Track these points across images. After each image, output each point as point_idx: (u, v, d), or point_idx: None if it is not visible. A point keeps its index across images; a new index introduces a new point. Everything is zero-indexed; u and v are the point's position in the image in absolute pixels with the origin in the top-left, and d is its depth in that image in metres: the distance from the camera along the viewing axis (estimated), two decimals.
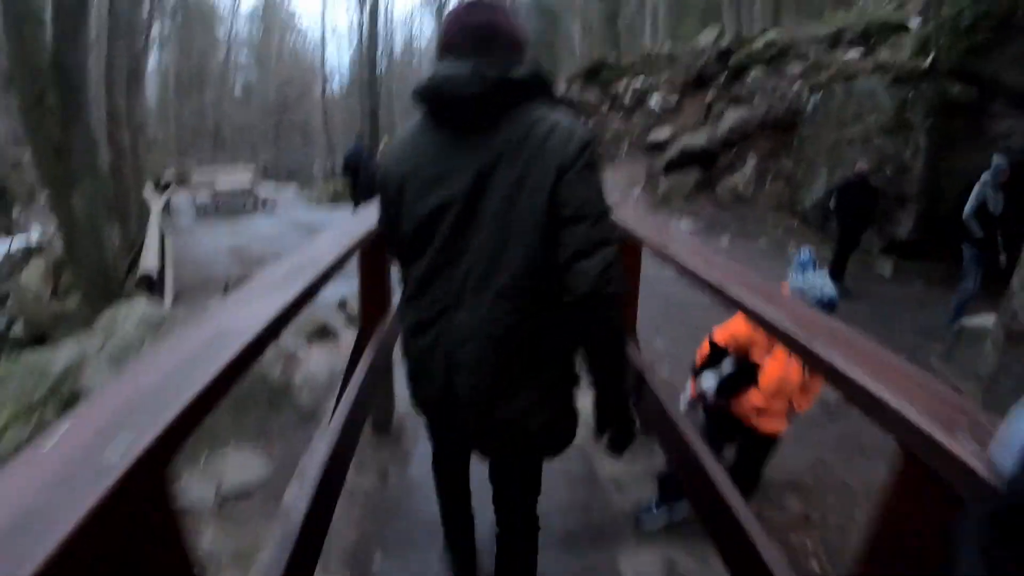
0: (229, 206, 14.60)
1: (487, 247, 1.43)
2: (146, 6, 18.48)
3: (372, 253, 2.96)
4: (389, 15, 45.40)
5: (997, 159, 6.41)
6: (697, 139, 11.95)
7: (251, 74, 51.82)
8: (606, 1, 25.82)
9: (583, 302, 1.36)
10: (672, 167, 11.91)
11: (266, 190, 15.65)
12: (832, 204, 7.85)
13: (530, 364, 1.51)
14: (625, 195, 12.17)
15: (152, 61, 40.55)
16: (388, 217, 1.62)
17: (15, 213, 17.99)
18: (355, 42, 33.24)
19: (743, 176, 11.20)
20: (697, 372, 2.93)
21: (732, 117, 12.17)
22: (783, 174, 11.19)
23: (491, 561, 1.99)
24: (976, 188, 6.47)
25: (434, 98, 1.46)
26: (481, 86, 1.38)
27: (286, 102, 47.62)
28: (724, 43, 17.33)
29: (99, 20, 14.52)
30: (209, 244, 10.64)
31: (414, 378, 1.68)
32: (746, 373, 2.71)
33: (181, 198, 15.35)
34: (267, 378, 4.14)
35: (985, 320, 5.27)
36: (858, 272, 8.11)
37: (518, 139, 1.40)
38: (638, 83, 17.57)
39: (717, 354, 2.86)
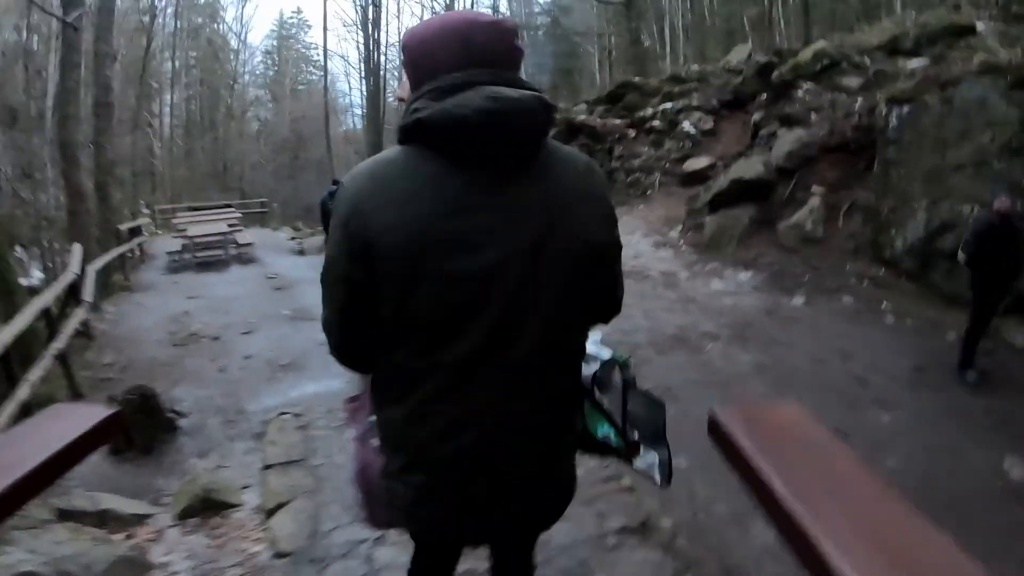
0: (205, 256, 12.82)
1: (547, 314, 1.24)
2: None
3: None
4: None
5: None
6: (751, 168, 9.87)
7: (266, 110, 51.31)
8: (629, 21, 24.07)
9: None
10: (720, 202, 9.83)
11: (247, 236, 13.80)
12: (965, 254, 5.70)
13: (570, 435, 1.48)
14: (662, 238, 10.12)
15: (165, 98, 41.22)
16: (390, 293, 1.18)
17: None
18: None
19: (809, 212, 9.08)
20: None
21: (788, 140, 10.11)
22: (859, 208, 9.08)
23: None
24: None
25: (489, 131, 1.13)
26: (547, 118, 1.22)
27: (301, 138, 46.70)
28: (762, 58, 15.56)
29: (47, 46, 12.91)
30: (157, 310, 8.79)
31: (431, 491, 1.32)
32: None
33: (160, 246, 13.59)
34: None
35: None
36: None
37: (555, 179, 1.25)
38: (668, 106, 15.76)
39: None
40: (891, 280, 7.97)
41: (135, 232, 13.56)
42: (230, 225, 14.25)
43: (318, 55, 43.66)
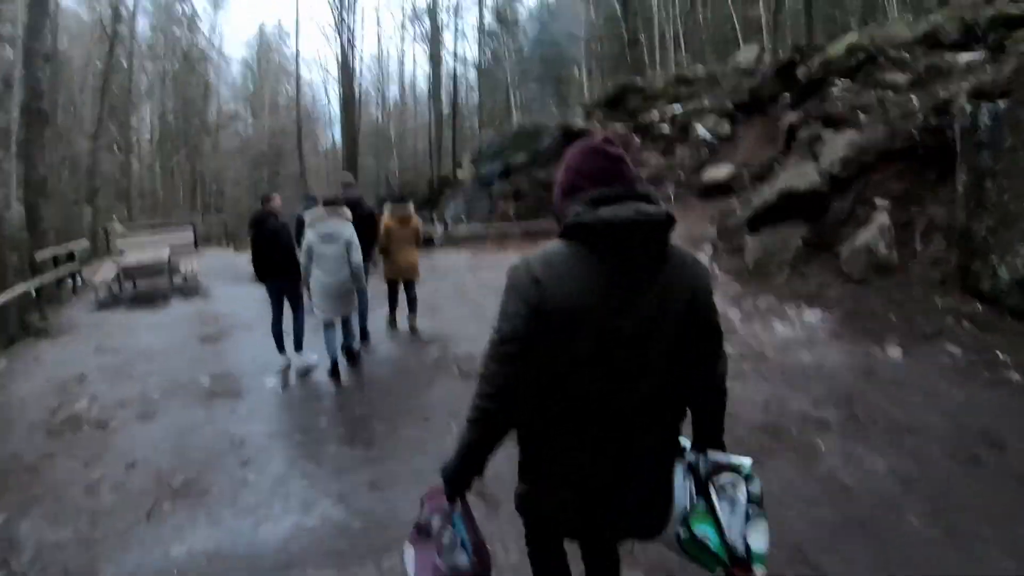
0: (144, 287, 10.79)
1: (658, 366, 1.70)
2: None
3: None
4: (383, 56, 42.63)
5: None
6: (803, 177, 8.05)
7: (244, 124, 49.34)
8: (625, 21, 22.44)
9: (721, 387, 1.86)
10: (763, 220, 8.02)
11: (193, 262, 11.66)
12: None
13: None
14: None
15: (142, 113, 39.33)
16: (553, 342, 1.63)
17: None
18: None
19: (879, 233, 7.28)
20: None
21: (839, 145, 8.32)
22: (937, 228, 7.30)
23: None
24: None
25: (632, 235, 1.61)
26: (670, 227, 1.66)
27: (280, 153, 44.80)
28: (783, 56, 13.95)
29: None
30: (53, 368, 6.85)
31: (572, 502, 1.80)
32: None
33: (107, 272, 11.48)
34: None
35: None
36: None
37: (670, 269, 1.68)
38: (676, 108, 14.09)
39: None
40: (995, 320, 6.17)
41: (67, 259, 11.56)
42: (177, 248, 12.21)
43: (298, 69, 41.68)
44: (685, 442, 1.89)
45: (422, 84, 41.71)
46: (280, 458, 4.53)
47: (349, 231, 6.13)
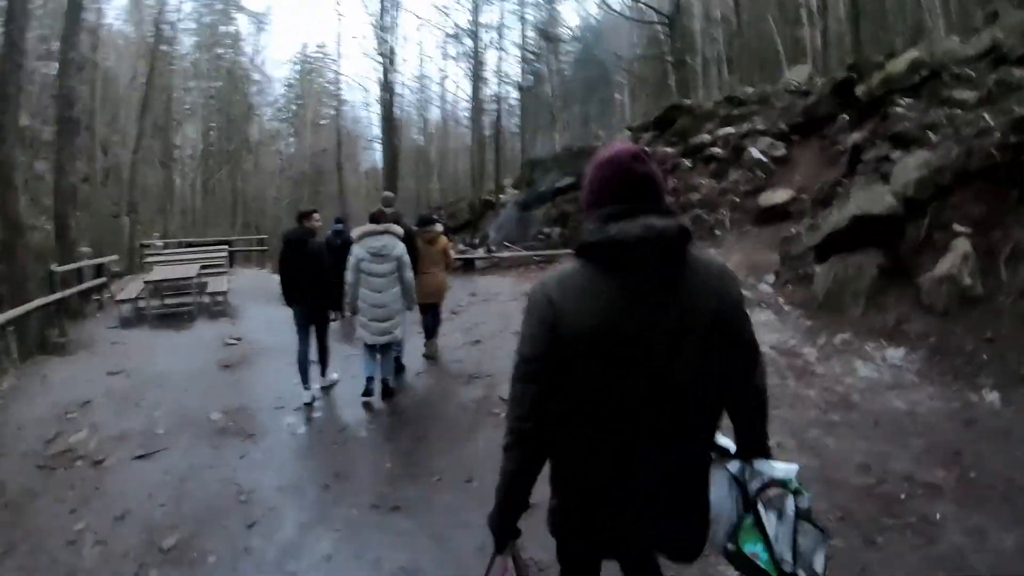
0: (171, 305, 10.39)
1: (685, 380, 1.63)
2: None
3: None
4: (424, 77, 42.65)
5: None
6: (877, 200, 7.28)
7: (286, 144, 49.90)
8: (672, 41, 21.94)
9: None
10: (833, 247, 7.27)
11: (223, 282, 11.23)
12: None
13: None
14: (752, 295, 7.60)
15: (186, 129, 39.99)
16: (575, 360, 1.61)
17: None
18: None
19: (962, 261, 6.50)
20: None
21: (912, 165, 7.55)
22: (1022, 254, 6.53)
23: None
24: None
25: (638, 252, 1.58)
26: (685, 240, 1.62)
27: (321, 172, 45.08)
28: (838, 74, 13.22)
29: None
30: (59, 391, 6.42)
31: (601, 515, 1.75)
32: None
33: (127, 291, 11.17)
34: None
35: None
36: None
37: (693, 282, 1.64)
38: (729, 130, 13.41)
39: None
40: None
41: (96, 273, 11.27)
42: (207, 267, 11.83)
43: (340, 88, 41.91)
44: (729, 444, 1.86)
45: (465, 104, 41.62)
46: (291, 522, 3.89)
47: (401, 248, 5.73)
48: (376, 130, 39.70)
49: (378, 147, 40.60)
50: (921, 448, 4.21)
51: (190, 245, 17.30)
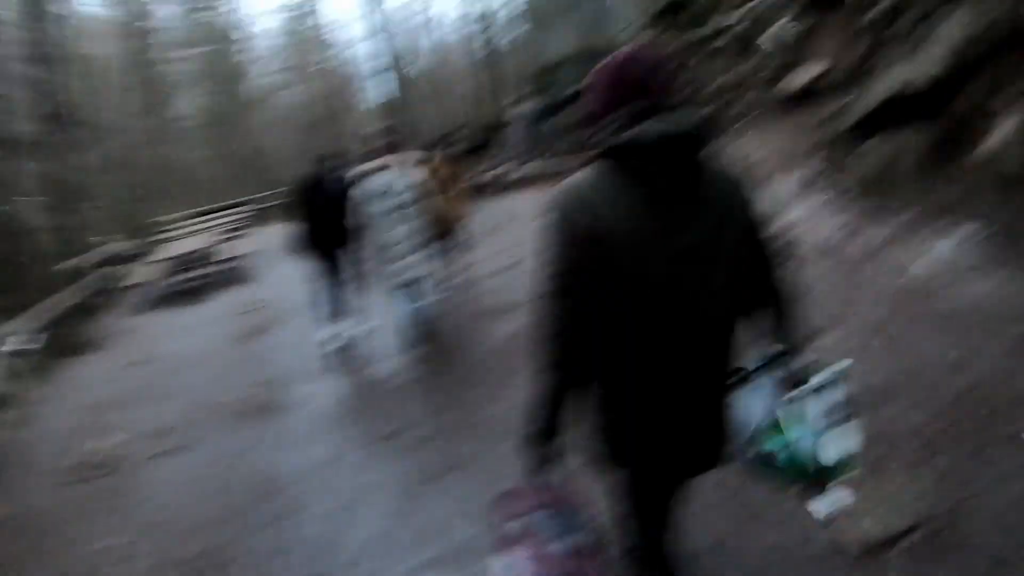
0: (187, 280, 10.11)
1: (720, 285, 1.64)
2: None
3: None
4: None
5: None
6: (917, 67, 6.58)
7: (289, 93, 48.78)
8: None
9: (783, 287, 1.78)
10: (872, 124, 6.64)
11: (237, 245, 10.89)
12: None
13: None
14: (794, 187, 7.03)
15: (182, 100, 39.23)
16: (600, 268, 1.58)
17: None
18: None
19: (1008, 136, 5.81)
20: None
21: (959, 22, 6.77)
22: None
23: None
24: None
25: (661, 150, 1.53)
26: (708, 134, 1.59)
27: (333, 115, 44.14)
28: None
29: None
30: (86, 391, 6.26)
31: (653, 433, 1.71)
32: None
33: (138, 276, 10.96)
34: None
35: None
36: None
37: (721, 181, 1.64)
38: (743, 12, 12.40)
39: None
40: None
41: (102, 264, 11.02)
42: (225, 233, 11.55)
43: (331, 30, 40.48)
44: (759, 353, 1.82)
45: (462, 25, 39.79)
46: (319, 509, 3.61)
47: (406, 181, 5.41)
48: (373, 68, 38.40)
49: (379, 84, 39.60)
50: (1011, 340, 3.72)
51: (205, 214, 17.05)
